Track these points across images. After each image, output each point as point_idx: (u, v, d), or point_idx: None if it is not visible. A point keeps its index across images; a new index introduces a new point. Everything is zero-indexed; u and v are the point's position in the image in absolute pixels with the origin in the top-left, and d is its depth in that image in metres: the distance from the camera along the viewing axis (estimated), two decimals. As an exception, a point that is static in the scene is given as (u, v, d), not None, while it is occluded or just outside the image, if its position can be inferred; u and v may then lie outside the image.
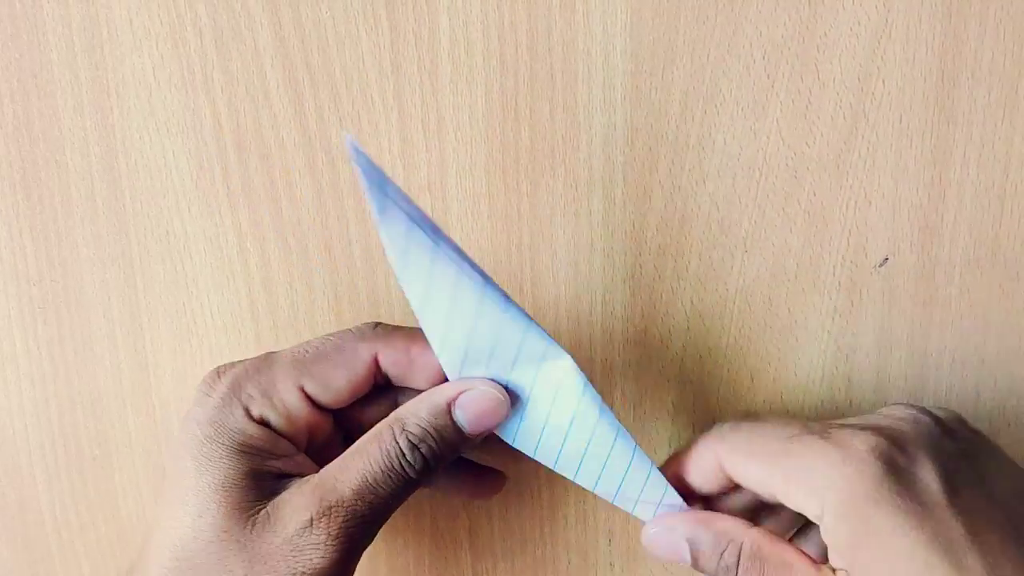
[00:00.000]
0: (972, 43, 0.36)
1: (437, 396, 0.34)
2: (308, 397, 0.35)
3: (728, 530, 0.34)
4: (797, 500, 0.32)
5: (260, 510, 0.33)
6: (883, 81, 0.37)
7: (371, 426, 0.35)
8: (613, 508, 0.43)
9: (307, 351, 0.35)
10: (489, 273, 0.39)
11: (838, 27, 0.36)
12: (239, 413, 0.34)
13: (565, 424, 0.34)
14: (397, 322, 0.40)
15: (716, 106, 0.37)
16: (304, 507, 0.32)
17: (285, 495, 0.33)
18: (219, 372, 0.35)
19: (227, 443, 0.33)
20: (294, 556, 0.32)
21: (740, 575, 0.33)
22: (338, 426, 0.37)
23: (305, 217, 0.39)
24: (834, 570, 0.32)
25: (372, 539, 0.34)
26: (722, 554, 0.34)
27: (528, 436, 0.35)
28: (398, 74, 0.37)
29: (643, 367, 0.41)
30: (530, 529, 0.43)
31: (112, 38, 0.37)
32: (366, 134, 0.38)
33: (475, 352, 0.33)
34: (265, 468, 0.34)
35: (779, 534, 0.34)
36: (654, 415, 0.41)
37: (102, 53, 0.37)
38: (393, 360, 0.35)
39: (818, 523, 0.31)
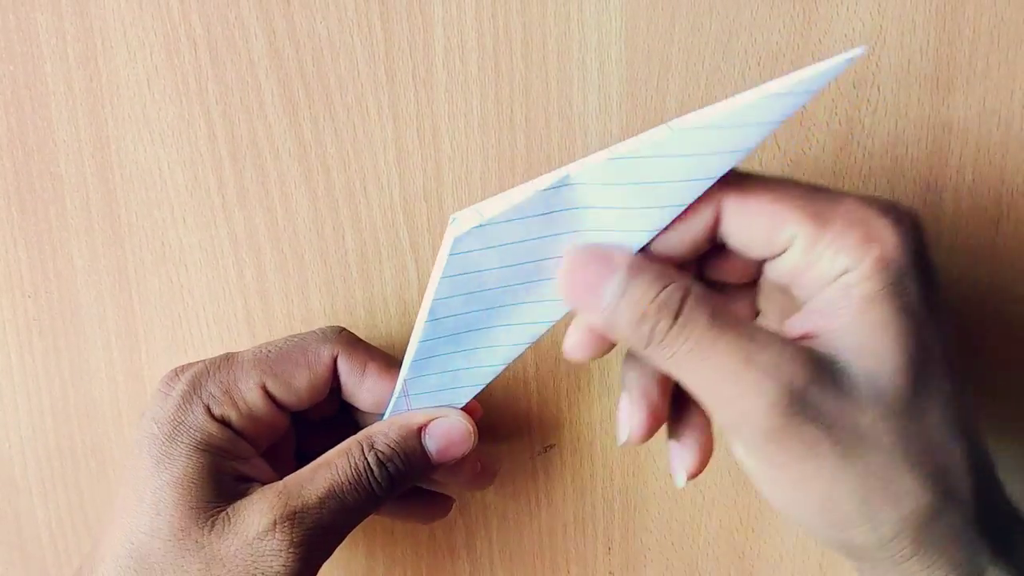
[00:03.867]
0: (966, 49, 0.36)
1: (409, 420, 0.35)
2: (269, 397, 0.35)
3: (673, 273, 0.30)
4: (830, 252, 0.28)
5: (220, 512, 0.32)
6: (878, 88, 0.37)
7: (326, 437, 0.35)
8: (612, 516, 0.43)
9: (269, 351, 0.35)
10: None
11: (833, 34, 0.36)
12: (199, 411, 0.34)
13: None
14: (392, 333, 0.40)
15: (712, 113, 0.37)
16: (267, 510, 0.32)
17: (247, 499, 0.33)
18: (178, 371, 0.35)
19: (187, 441, 0.33)
20: (253, 561, 0.32)
21: (681, 319, 0.29)
22: (293, 435, 0.38)
23: (301, 227, 0.39)
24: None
25: (330, 554, 0.34)
26: (659, 292, 0.29)
27: None
28: (393, 83, 0.37)
29: (641, 375, 0.40)
30: (529, 539, 0.43)
31: (106, 49, 0.37)
32: (361, 144, 0.38)
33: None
34: (225, 468, 0.33)
35: None
36: (652, 423, 0.41)
37: (96, 64, 0.37)
38: (349, 368, 0.35)
39: (839, 275, 0.28)
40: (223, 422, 0.34)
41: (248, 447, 0.35)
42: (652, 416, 0.33)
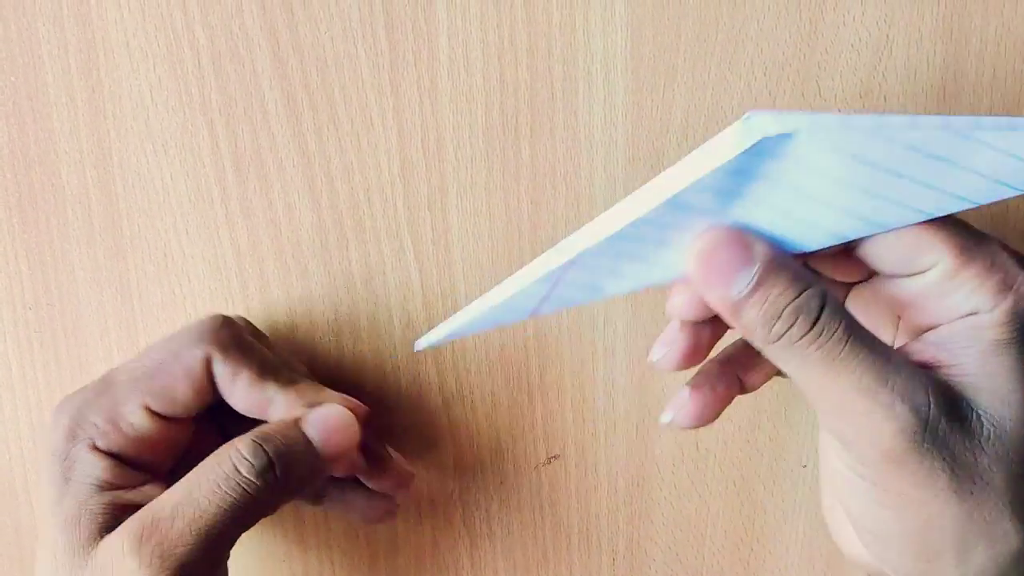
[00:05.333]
0: (973, 59, 0.36)
1: (287, 415, 0.34)
2: (156, 415, 0.33)
3: (811, 276, 0.29)
4: (966, 289, 0.28)
5: (96, 547, 0.31)
6: (884, 98, 0.37)
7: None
8: (617, 527, 0.42)
9: (145, 365, 0.34)
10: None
11: (839, 44, 0.36)
12: (84, 449, 0.33)
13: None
14: (395, 344, 0.40)
15: (717, 123, 0.37)
16: (120, 533, 0.31)
17: (115, 529, 0.31)
18: (62, 405, 0.34)
19: (76, 480, 0.32)
20: None
21: (817, 327, 0.28)
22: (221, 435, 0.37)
23: (304, 238, 0.39)
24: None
25: (216, 566, 0.32)
26: (798, 295, 0.28)
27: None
28: (397, 94, 0.37)
29: (646, 385, 0.40)
30: (533, 550, 0.43)
31: (108, 60, 0.37)
32: (365, 154, 0.38)
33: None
34: (116, 502, 0.32)
35: None
36: (657, 434, 0.41)
37: (98, 75, 0.37)
38: (221, 372, 0.34)
39: (969, 314, 0.29)
40: (111, 455, 0.33)
41: (140, 475, 0.34)
42: (693, 354, 0.32)
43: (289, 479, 0.32)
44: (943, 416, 0.28)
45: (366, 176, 0.38)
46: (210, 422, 0.37)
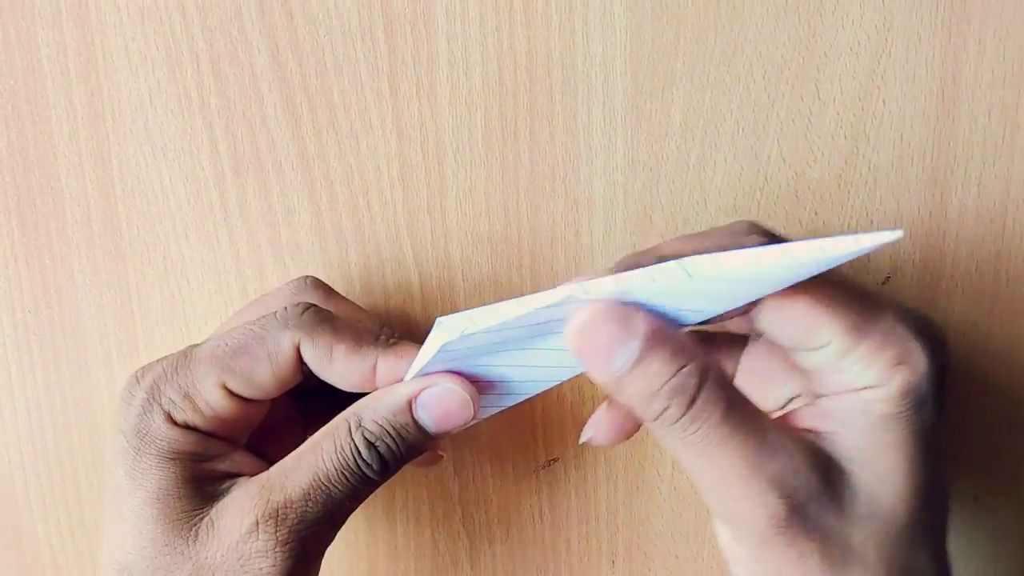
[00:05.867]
0: (972, 62, 0.36)
1: (398, 393, 0.32)
2: (232, 394, 0.32)
3: (695, 349, 0.28)
4: (860, 365, 0.28)
5: (202, 518, 0.31)
6: (883, 101, 0.37)
7: (330, 407, 0.33)
8: (616, 530, 0.42)
9: (227, 343, 0.32)
10: (489, 296, 0.39)
11: (838, 47, 0.36)
12: (160, 420, 0.32)
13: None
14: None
15: (716, 126, 0.37)
16: (248, 509, 0.30)
17: (229, 498, 0.31)
18: (137, 376, 0.33)
19: (155, 453, 0.32)
20: (241, 566, 0.30)
21: (694, 409, 0.28)
22: (297, 407, 0.36)
23: (304, 241, 0.39)
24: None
25: (328, 544, 0.32)
26: (676, 373, 0.28)
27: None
28: (396, 97, 0.37)
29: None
30: (532, 553, 0.43)
31: (108, 64, 0.37)
32: (365, 157, 0.38)
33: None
34: (202, 472, 0.32)
35: None
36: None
37: (98, 79, 0.37)
38: (314, 355, 0.32)
39: (863, 388, 0.29)
40: (188, 427, 0.32)
41: (222, 445, 0.33)
42: (621, 432, 0.33)
43: (398, 466, 0.32)
44: (816, 496, 0.28)
45: (365, 179, 0.38)
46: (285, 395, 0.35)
